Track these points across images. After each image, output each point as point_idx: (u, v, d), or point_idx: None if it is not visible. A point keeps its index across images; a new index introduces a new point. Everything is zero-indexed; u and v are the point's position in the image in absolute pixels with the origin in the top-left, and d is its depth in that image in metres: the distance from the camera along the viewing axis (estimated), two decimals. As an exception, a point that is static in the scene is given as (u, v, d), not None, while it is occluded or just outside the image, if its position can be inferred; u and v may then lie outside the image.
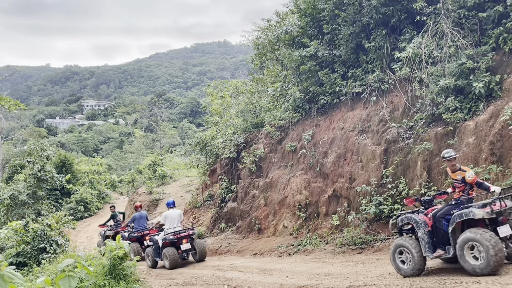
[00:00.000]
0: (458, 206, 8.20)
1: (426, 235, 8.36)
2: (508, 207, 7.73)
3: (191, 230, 15.29)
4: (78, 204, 36.71)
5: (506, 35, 11.03)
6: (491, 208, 7.57)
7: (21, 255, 15.21)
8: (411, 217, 8.74)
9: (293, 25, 18.17)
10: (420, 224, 8.50)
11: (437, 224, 8.32)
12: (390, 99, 13.81)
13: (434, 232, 8.37)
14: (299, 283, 9.48)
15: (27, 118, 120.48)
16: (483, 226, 7.81)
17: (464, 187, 8.35)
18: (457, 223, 7.98)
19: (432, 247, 8.32)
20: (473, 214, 7.63)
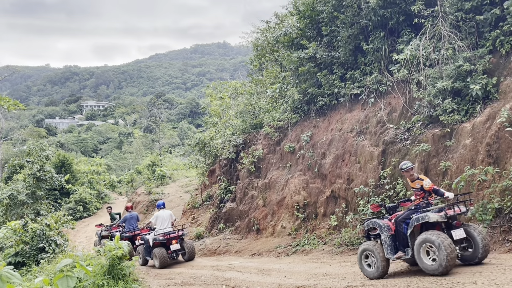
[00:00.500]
0: (417, 211, 8.77)
1: (388, 238, 8.93)
2: (462, 212, 8.33)
3: (180, 231, 15.68)
4: (77, 204, 36.70)
5: (503, 38, 11.11)
6: (445, 213, 8.21)
7: (20, 254, 15.24)
8: (376, 221, 9.30)
9: (292, 26, 18.23)
10: (384, 228, 9.05)
11: (398, 228, 8.88)
12: (388, 101, 13.87)
13: (396, 235, 8.92)
14: (297, 283, 9.52)
15: (26, 118, 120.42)
16: (440, 230, 8.38)
17: (424, 194, 9.08)
18: (415, 226, 8.54)
19: (394, 249, 8.86)
20: (428, 218, 8.23)
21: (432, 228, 8.42)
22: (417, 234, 8.47)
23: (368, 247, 9.10)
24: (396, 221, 8.98)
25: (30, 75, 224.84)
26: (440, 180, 11.24)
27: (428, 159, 11.73)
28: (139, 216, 19.22)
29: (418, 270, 8.51)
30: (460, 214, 8.35)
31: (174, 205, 27.45)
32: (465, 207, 8.48)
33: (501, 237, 9.41)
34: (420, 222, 8.40)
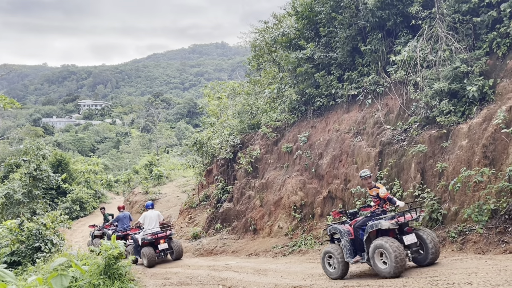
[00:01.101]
0: (372, 218, 9.39)
1: (348, 243, 9.59)
2: (414, 219, 9.06)
3: (168, 231, 16.22)
4: (73, 203, 36.62)
5: (499, 40, 11.14)
6: (397, 220, 8.87)
7: (15, 254, 15.20)
8: (337, 227, 9.98)
9: (290, 27, 18.25)
10: (344, 233, 9.73)
11: (355, 233, 9.61)
12: (385, 102, 13.90)
13: (355, 240, 9.62)
14: (293, 284, 9.54)
15: (23, 117, 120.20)
16: (393, 235, 9.10)
17: (379, 202, 9.78)
18: (371, 232, 9.18)
19: (352, 253, 9.55)
20: (381, 225, 8.89)
21: (386, 234, 9.07)
22: (373, 240, 9.09)
23: (330, 249, 9.88)
24: (354, 227, 9.70)
25: (28, 74, 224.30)
26: (437, 181, 11.27)
27: (425, 160, 11.76)
28: (131, 216, 19.62)
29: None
30: (411, 220, 9.08)
31: (171, 204, 27.45)
32: (417, 214, 9.12)
33: (496, 238, 9.43)
34: (374, 229, 9.04)
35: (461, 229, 10.19)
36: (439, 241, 9.74)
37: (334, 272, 9.71)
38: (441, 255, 9.80)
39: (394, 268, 8.42)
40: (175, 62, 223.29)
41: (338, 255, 9.63)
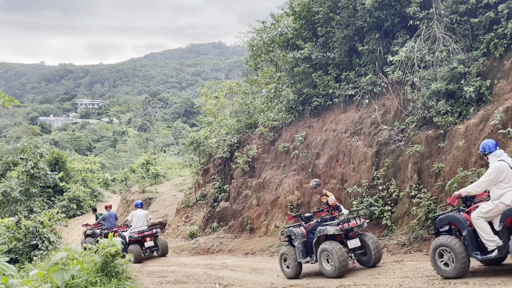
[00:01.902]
0: (321, 223, 10.31)
1: (301, 245, 10.40)
2: (358, 225, 9.92)
3: (154, 229, 17.10)
4: (70, 202, 36.63)
5: (497, 41, 11.19)
6: (342, 226, 9.73)
7: (12, 251, 15.19)
8: (292, 230, 10.77)
9: (287, 27, 18.27)
10: (298, 236, 10.54)
11: (307, 237, 10.49)
12: (382, 102, 13.95)
13: (307, 242, 10.48)
14: (289, 282, 9.58)
15: (20, 115, 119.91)
16: (340, 239, 9.97)
17: (329, 209, 10.86)
18: (320, 236, 10.05)
19: (304, 254, 10.36)
20: (327, 230, 9.80)
21: (334, 239, 9.94)
22: (322, 243, 9.92)
23: (285, 250, 10.72)
24: (307, 230, 10.60)
25: (25, 72, 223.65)
26: (433, 181, 11.32)
27: (422, 161, 11.81)
28: (117, 215, 20.66)
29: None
30: (356, 226, 9.92)
31: (168, 203, 27.45)
32: (361, 220, 10.01)
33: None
34: (322, 234, 9.96)
35: (457, 229, 10.22)
36: (381, 246, 10.43)
37: (289, 272, 10.52)
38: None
39: (337, 269, 9.36)
40: (172, 61, 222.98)
41: (292, 256, 10.47)
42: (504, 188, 7.25)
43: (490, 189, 7.48)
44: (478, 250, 7.41)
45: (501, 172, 7.27)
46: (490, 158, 7.61)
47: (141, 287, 10.43)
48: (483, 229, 7.32)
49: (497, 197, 7.30)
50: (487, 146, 7.67)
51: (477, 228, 7.41)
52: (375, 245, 9.88)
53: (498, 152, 7.56)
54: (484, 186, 7.50)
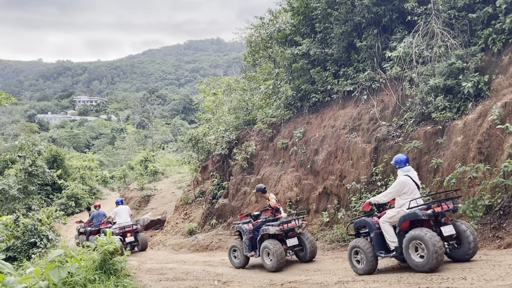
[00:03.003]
0: (265, 223, 11.75)
1: (247, 240, 11.93)
2: (297, 226, 11.32)
3: (134, 225, 18.21)
4: (69, 199, 36.57)
5: (495, 36, 11.18)
6: (282, 227, 11.12)
7: (11, 249, 15.18)
8: (241, 226, 12.31)
9: (286, 23, 18.23)
10: (246, 232, 12.07)
11: (253, 233, 11.99)
12: (380, 98, 13.93)
13: (253, 239, 11.94)
14: (288, 279, 9.56)
15: (18, 113, 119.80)
16: (280, 238, 11.41)
17: (272, 210, 12.13)
18: (263, 235, 11.48)
19: (250, 249, 11.87)
20: (268, 230, 11.25)
21: (275, 237, 11.38)
22: (265, 240, 11.31)
23: (234, 244, 12.38)
24: (253, 228, 12.05)
25: (22, 69, 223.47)
26: (432, 177, 11.32)
27: (420, 156, 11.81)
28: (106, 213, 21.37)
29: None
30: (296, 227, 11.31)
31: (167, 200, 27.45)
32: (300, 221, 11.41)
33: (491, 234, 9.49)
34: (265, 232, 11.36)
35: (456, 225, 10.23)
36: (316, 244, 11.89)
37: (237, 263, 12.19)
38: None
39: (275, 264, 10.75)
40: (170, 58, 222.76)
41: (240, 249, 12.12)
42: (406, 199, 8.59)
43: (395, 198, 8.81)
44: (383, 250, 8.78)
45: (404, 186, 8.67)
46: (399, 172, 8.96)
47: (140, 284, 10.41)
48: (387, 231, 8.73)
49: (399, 206, 8.70)
50: (399, 160, 8.99)
51: (383, 230, 8.80)
52: (311, 243, 11.51)
53: (406, 168, 8.90)
54: (390, 196, 8.87)
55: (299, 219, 11.50)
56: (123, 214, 18.06)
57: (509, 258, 7.98)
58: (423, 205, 8.36)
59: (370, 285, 7.71)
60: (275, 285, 9.03)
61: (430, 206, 8.35)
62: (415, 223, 8.41)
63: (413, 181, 8.76)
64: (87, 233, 19.55)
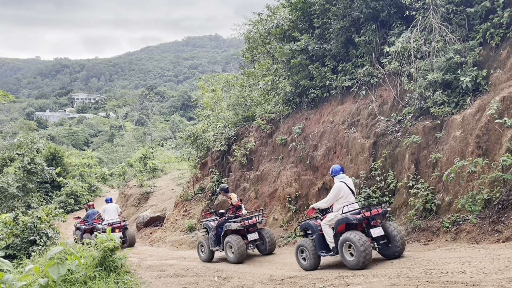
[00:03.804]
0: (228, 220, 12.94)
1: (213, 236, 13.17)
2: (258, 221, 12.60)
3: (123, 222, 19.15)
4: (68, 197, 36.56)
5: (493, 30, 11.18)
6: (243, 223, 12.36)
7: (10, 247, 15.18)
8: (207, 223, 13.56)
9: (284, 19, 18.22)
10: (211, 228, 13.31)
11: (217, 230, 13.18)
12: (379, 93, 13.94)
13: (217, 235, 13.13)
14: (288, 274, 9.59)
15: (16, 111, 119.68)
16: (243, 233, 12.70)
17: (233, 208, 13.26)
18: (226, 230, 12.74)
19: (215, 244, 13.09)
20: (230, 226, 12.55)
21: (238, 233, 12.67)
22: (228, 235, 12.58)
23: (201, 240, 13.58)
24: (217, 225, 13.21)
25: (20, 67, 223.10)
26: (431, 171, 11.33)
27: (419, 151, 11.82)
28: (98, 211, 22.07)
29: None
30: (256, 223, 12.59)
31: (166, 197, 27.44)
32: (259, 218, 12.66)
33: (490, 228, 9.51)
34: (228, 228, 12.63)
35: (455, 219, 10.26)
36: (275, 238, 13.29)
37: (204, 257, 13.43)
38: (435, 245, 9.96)
39: (237, 256, 12.06)
40: (168, 54, 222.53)
41: (206, 245, 13.30)
42: (342, 203, 9.53)
43: (334, 203, 9.72)
44: (324, 249, 9.77)
45: (339, 191, 9.64)
46: (335, 179, 9.89)
47: (140, 281, 10.43)
48: (327, 233, 9.70)
49: (337, 210, 9.61)
50: (334, 170, 10.04)
51: (324, 232, 9.78)
52: (270, 237, 12.81)
53: (340, 176, 9.89)
54: (328, 202, 9.81)
55: (259, 215, 12.79)
56: (111, 212, 19.10)
57: (508, 251, 8.01)
58: (354, 210, 9.43)
59: (370, 279, 7.74)
60: (275, 281, 9.05)
61: (360, 211, 9.40)
62: (350, 226, 9.41)
63: (348, 187, 9.80)
64: (81, 231, 20.61)
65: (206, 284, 9.57)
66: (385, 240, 9.30)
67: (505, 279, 6.25)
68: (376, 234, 9.20)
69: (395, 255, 9.15)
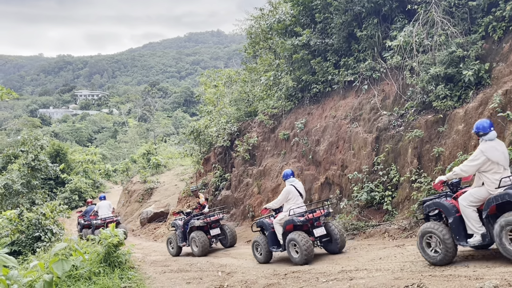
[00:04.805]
0: (194, 217, 14.54)
1: (180, 233, 14.65)
2: (219, 218, 14.44)
3: (115, 217, 20.54)
4: (72, 193, 36.75)
5: (495, 24, 11.13)
6: (205, 220, 14.14)
7: (16, 244, 15.28)
8: (175, 222, 15.12)
9: (285, 14, 18.17)
10: (178, 226, 14.78)
11: (184, 227, 14.60)
12: (381, 88, 13.91)
13: (184, 231, 14.58)
14: (292, 269, 9.63)
15: (20, 108, 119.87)
16: (206, 229, 14.28)
17: (200, 207, 15.00)
18: (192, 227, 14.26)
19: (182, 240, 14.57)
20: (194, 223, 14.17)
21: (202, 229, 14.18)
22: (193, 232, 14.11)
23: (170, 237, 15.21)
24: (183, 223, 14.70)
25: (23, 64, 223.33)
26: (433, 165, 11.33)
27: (421, 145, 11.81)
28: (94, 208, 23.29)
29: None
30: (218, 219, 14.39)
31: (170, 193, 27.52)
32: (221, 215, 14.59)
33: (492, 221, 9.50)
34: (193, 225, 14.14)
35: (458, 213, 10.25)
36: (235, 232, 14.99)
37: (172, 252, 14.98)
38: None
39: (200, 250, 13.64)
40: (171, 51, 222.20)
41: (175, 241, 14.86)
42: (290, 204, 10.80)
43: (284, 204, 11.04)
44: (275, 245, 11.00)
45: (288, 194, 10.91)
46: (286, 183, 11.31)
47: (145, 276, 10.49)
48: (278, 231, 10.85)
49: (286, 210, 10.77)
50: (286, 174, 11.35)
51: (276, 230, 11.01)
52: (231, 232, 14.53)
53: (290, 180, 11.18)
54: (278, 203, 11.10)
55: (220, 212, 14.74)
56: (104, 208, 20.66)
57: None
58: (299, 213, 10.49)
59: (373, 273, 7.77)
60: (278, 275, 9.10)
61: (303, 214, 10.43)
62: (296, 226, 10.47)
63: (296, 190, 10.97)
64: (81, 225, 21.93)
65: (210, 279, 9.62)
66: (328, 238, 10.62)
67: (508, 272, 6.26)
68: (318, 234, 10.47)
69: (336, 251, 10.54)
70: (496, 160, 6.96)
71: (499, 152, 7.05)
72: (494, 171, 6.98)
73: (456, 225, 7.31)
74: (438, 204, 7.73)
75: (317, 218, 10.55)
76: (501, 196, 6.71)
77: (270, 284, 8.31)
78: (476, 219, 7.08)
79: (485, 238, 6.99)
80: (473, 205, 7.12)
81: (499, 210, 6.86)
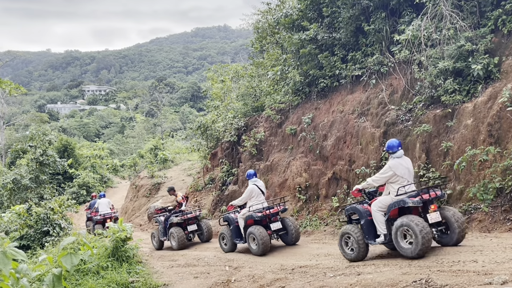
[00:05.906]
0: (173, 214, 15.67)
1: (162, 228, 15.75)
2: (196, 216, 15.54)
3: (113, 213, 21.50)
4: (80, 188, 36.94)
5: (505, 17, 11.02)
6: (182, 217, 15.27)
7: (24, 238, 15.40)
8: (157, 218, 16.22)
9: (293, 8, 18.09)
10: (160, 222, 15.88)
11: (165, 223, 15.65)
12: (389, 82, 13.84)
13: (165, 227, 15.64)
14: (299, 264, 9.63)
15: (28, 103, 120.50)
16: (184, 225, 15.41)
17: (179, 205, 16.17)
18: (171, 223, 15.42)
19: (164, 235, 15.68)
20: (173, 220, 15.34)
21: (179, 225, 15.33)
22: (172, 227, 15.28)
23: (153, 232, 16.47)
24: (164, 219, 15.73)
25: (31, 60, 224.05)
26: (442, 160, 11.27)
27: (430, 140, 11.75)
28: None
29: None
30: (195, 216, 15.54)
31: (177, 188, 27.47)
32: (198, 212, 15.77)
33: (502, 216, 9.46)
34: (172, 221, 15.31)
35: (467, 208, 10.22)
36: (212, 228, 16.04)
37: (155, 245, 16.16)
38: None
39: (178, 244, 14.77)
40: (178, 46, 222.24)
41: (157, 235, 16.07)
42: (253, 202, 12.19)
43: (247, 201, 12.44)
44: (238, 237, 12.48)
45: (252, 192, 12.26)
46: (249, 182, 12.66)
47: (152, 270, 10.54)
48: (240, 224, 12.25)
49: (249, 206, 12.07)
50: (249, 174, 12.70)
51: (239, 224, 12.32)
52: (207, 228, 15.68)
53: (253, 179, 12.53)
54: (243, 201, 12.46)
55: (197, 210, 15.98)
56: (104, 205, 21.62)
57: (520, 240, 7.97)
58: (258, 209, 11.82)
59: (381, 268, 7.74)
60: (285, 270, 9.10)
61: (261, 210, 11.76)
62: (256, 221, 11.81)
63: (259, 188, 12.32)
64: (87, 218, 23.32)
65: (217, 274, 9.63)
66: (285, 231, 12.00)
67: (517, 267, 6.22)
68: (275, 228, 11.84)
69: (291, 242, 12.06)
70: (401, 174, 8.51)
71: (404, 168, 8.60)
72: (399, 183, 8.46)
73: (366, 227, 8.81)
74: (354, 208, 9.26)
75: (275, 214, 11.95)
76: (397, 202, 8.30)
77: (277, 279, 8.31)
78: (383, 222, 8.55)
79: (386, 237, 8.53)
80: (381, 210, 8.60)
81: (400, 214, 8.39)
